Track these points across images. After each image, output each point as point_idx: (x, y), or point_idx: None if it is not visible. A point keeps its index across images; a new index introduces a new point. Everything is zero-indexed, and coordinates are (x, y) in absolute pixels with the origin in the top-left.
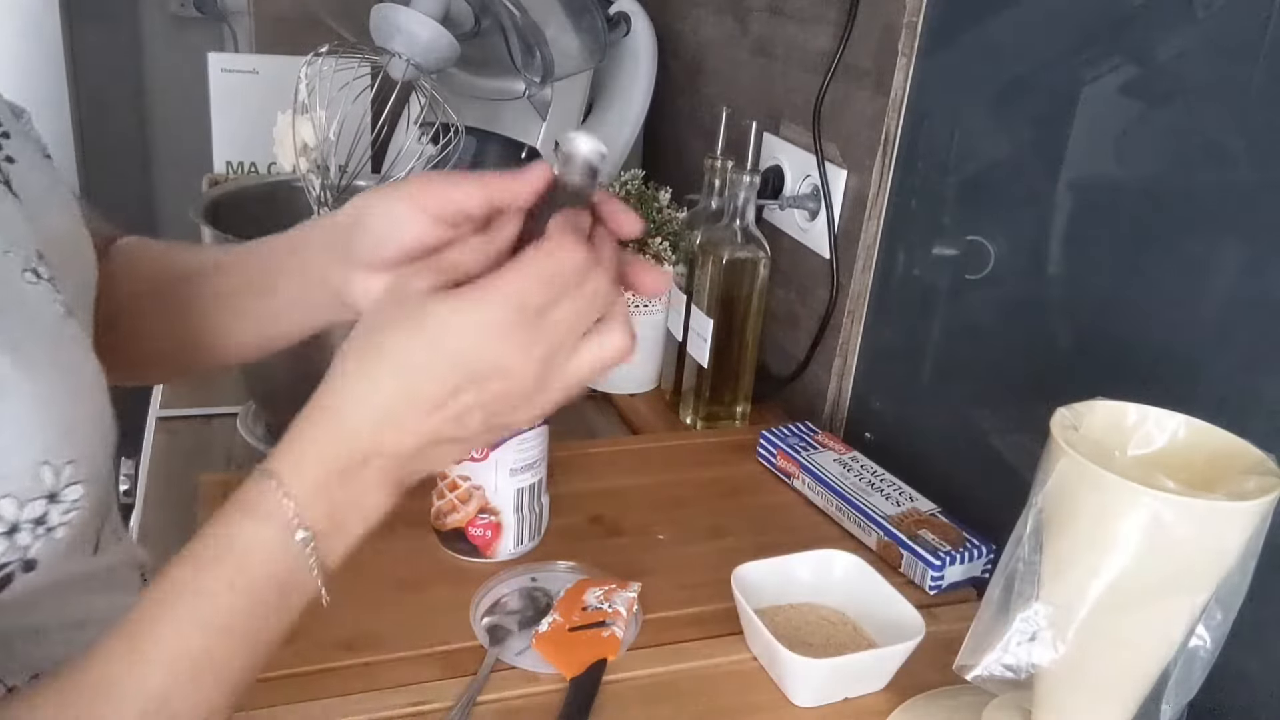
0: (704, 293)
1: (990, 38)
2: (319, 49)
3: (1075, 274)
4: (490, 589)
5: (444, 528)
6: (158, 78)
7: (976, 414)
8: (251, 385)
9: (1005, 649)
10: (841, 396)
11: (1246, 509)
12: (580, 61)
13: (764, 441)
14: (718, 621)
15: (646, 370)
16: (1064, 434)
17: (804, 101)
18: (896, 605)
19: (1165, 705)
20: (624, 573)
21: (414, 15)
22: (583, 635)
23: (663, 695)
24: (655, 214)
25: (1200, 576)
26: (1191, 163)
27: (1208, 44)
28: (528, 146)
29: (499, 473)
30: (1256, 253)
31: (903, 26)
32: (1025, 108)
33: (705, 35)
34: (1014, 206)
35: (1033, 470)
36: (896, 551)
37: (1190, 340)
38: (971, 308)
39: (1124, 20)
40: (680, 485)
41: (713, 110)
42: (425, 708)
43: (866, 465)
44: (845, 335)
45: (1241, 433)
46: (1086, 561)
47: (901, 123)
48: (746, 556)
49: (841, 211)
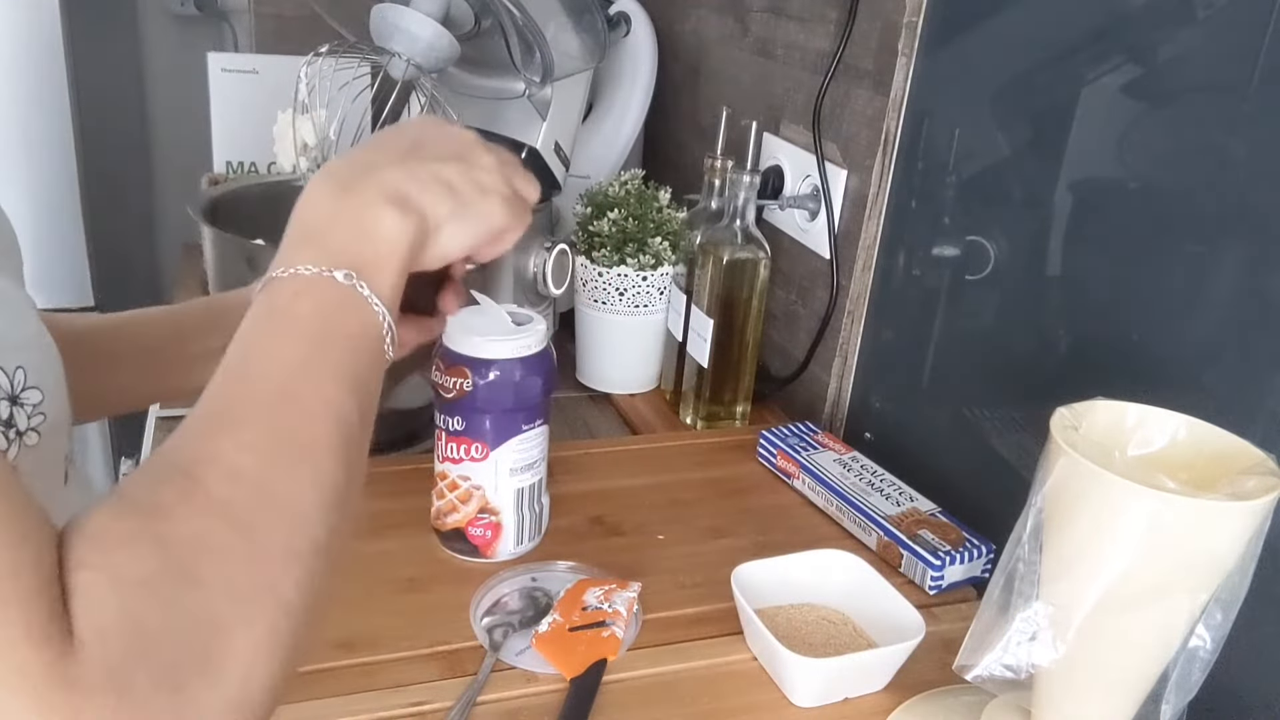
0: (704, 293)
1: (990, 38)
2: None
3: (1075, 274)
4: (490, 589)
5: (444, 528)
6: (158, 77)
7: (976, 414)
8: None
9: (1005, 649)
10: (841, 396)
11: (1246, 509)
12: (580, 61)
13: (764, 441)
14: (718, 621)
15: (646, 370)
16: (1064, 434)
17: (804, 101)
18: (896, 605)
19: (1165, 705)
20: (624, 573)
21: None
22: (583, 635)
23: (663, 695)
24: (655, 214)
25: (1200, 576)
26: (1191, 163)
27: (1208, 44)
28: (528, 146)
29: (499, 473)
30: (1256, 253)
31: (903, 26)
32: (1025, 108)
33: (705, 35)
34: (1014, 206)
35: (1033, 470)
36: (896, 551)
37: (1190, 340)
38: (971, 308)
39: (1124, 20)
40: (680, 485)
41: (713, 110)
42: (425, 708)
43: (866, 465)
44: (845, 335)
45: (1241, 433)
46: (1086, 561)
47: (901, 123)
48: (746, 556)
49: (841, 211)
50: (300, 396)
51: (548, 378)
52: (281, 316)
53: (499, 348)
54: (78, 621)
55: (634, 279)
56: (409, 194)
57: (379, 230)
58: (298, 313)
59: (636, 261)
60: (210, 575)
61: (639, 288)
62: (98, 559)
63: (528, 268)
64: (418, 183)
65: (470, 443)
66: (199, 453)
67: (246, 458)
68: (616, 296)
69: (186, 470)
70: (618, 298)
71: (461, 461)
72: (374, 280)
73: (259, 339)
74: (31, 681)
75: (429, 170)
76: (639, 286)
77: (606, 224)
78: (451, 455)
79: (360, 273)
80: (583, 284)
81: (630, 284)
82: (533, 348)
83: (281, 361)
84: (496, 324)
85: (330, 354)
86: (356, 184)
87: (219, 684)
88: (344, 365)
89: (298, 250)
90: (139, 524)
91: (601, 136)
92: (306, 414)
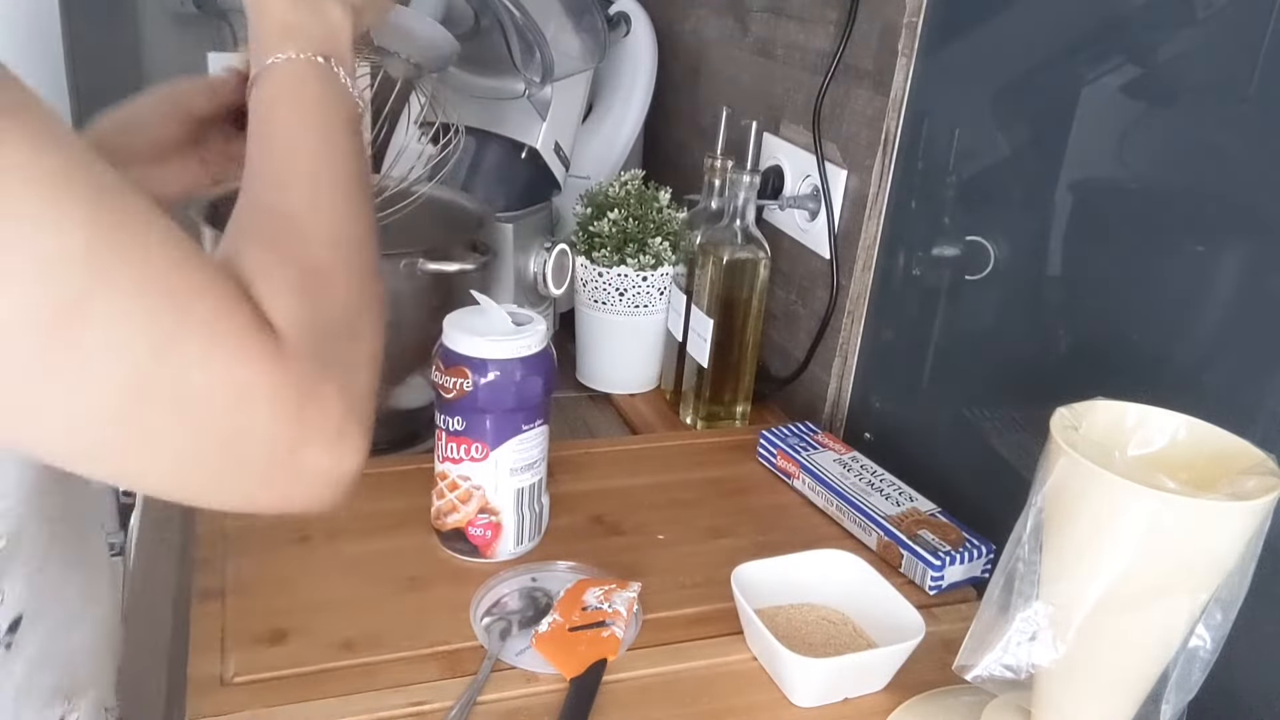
0: (704, 293)
1: (990, 37)
2: None
3: (1075, 274)
4: (490, 589)
5: (444, 528)
6: (158, 76)
7: (976, 414)
8: None
9: (1005, 649)
10: (841, 396)
11: (1246, 509)
12: (580, 61)
13: (764, 441)
14: (718, 621)
15: (646, 370)
16: (1064, 434)
17: (804, 101)
18: (896, 605)
19: (1165, 705)
20: (624, 573)
21: (413, 15)
22: (583, 635)
23: (663, 695)
24: (655, 214)
25: (1200, 576)
26: (1191, 163)
27: (1208, 44)
28: (528, 146)
29: (499, 473)
30: (1256, 252)
31: (903, 26)
32: (1025, 108)
33: (705, 35)
34: (1014, 206)
35: (1033, 470)
36: (896, 551)
37: (1190, 340)
38: (971, 308)
39: (1124, 20)
40: (680, 485)
41: (713, 110)
42: (425, 708)
43: (866, 465)
44: (845, 335)
45: (1241, 433)
46: (1086, 561)
47: (901, 123)
48: (746, 556)
49: (841, 211)
50: (334, 141)
51: (548, 378)
52: (299, 96)
53: (499, 348)
54: (274, 318)
55: (634, 279)
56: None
57: (332, 20)
58: (309, 94)
59: (636, 262)
60: (331, 277)
61: (639, 288)
62: (267, 284)
63: (528, 268)
64: None
65: (470, 443)
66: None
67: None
68: (616, 296)
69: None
70: (618, 298)
71: (461, 461)
72: (344, 62)
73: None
74: (263, 354)
75: None
76: (639, 286)
77: (606, 224)
78: (451, 455)
79: (333, 58)
80: (583, 284)
81: (630, 284)
82: (533, 348)
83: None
84: (496, 324)
85: (338, 117)
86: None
87: (361, 343)
88: (348, 125)
89: (283, 41)
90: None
91: (601, 136)
92: (341, 155)
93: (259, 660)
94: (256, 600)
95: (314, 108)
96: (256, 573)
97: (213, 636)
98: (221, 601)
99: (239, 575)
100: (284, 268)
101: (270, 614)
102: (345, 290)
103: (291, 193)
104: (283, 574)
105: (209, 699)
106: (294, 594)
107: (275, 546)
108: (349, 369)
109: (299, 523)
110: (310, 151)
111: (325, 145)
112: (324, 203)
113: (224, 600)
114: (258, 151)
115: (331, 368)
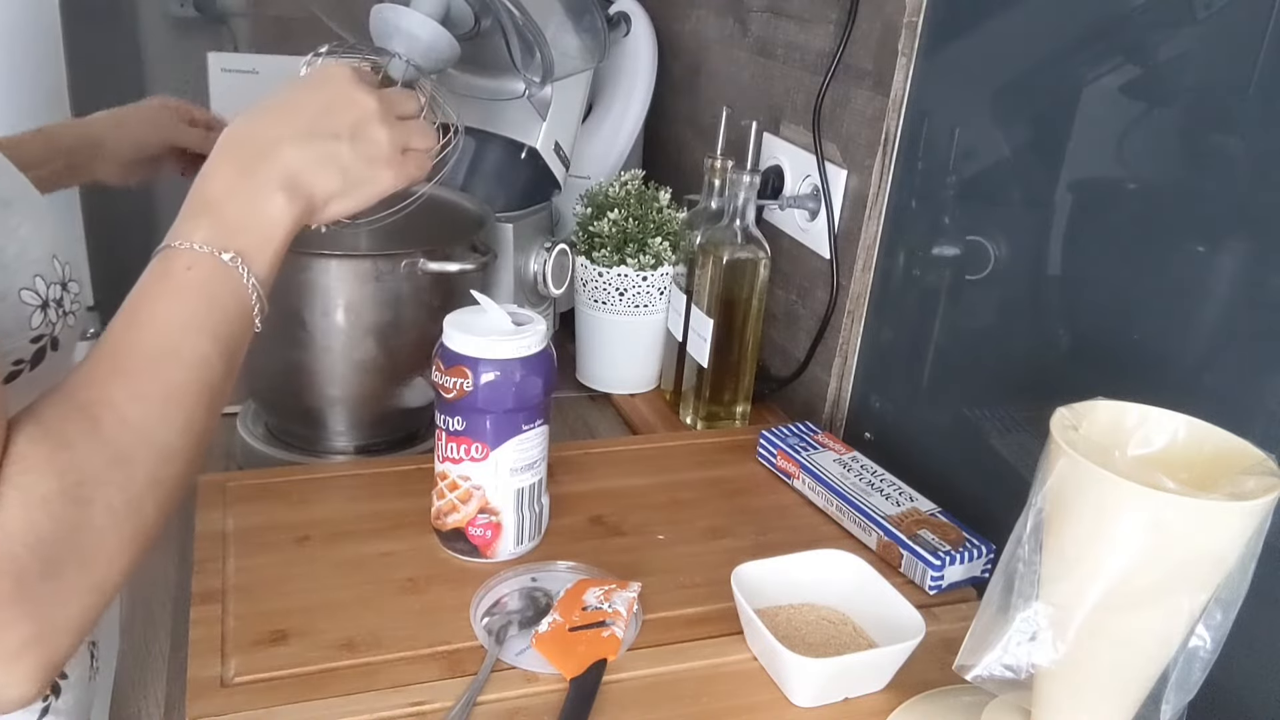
0: (704, 293)
1: (990, 37)
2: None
3: (1075, 274)
4: (490, 589)
5: (444, 528)
6: (158, 78)
7: (976, 414)
8: (251, 384)
9: (1005, 649)
10: (841, 396)
11: (1246, 509)
12: (580, 61)
13: (764, 441)
14: (718, 621)
15: (646, 370)
16: (1064, 434)
17: (804, 101)
18: (896, 605)
19: (1165, 705)
20: (624, 573)
21: (414, 15)
22: (583, 635)
23: (663, 695)
24: (655, 214)
25: (1200, 576)
26: (1191, 163)
27: (1208, 44)
28: (528, 146)
29: (499, 473)
30: (1256, 252)
31: (903, 26)
32: (1025, 108)
33: (705, 35)
34: (1014, 206)
35: (1033, 470)
36: (896, 551)
37: (1190, 340)
38: (971, 308)
39: (1124, 20)
40: (680, 485)
41: (713, 110)
42: (425, 708)
43: (866, 465)
44: (845, 335)
45: (1241, 433)
46: (1086, 561)
47: (901, 123)
48: (746, 556)
49: (841, 211)
50: (181, 352)
51: (548, 378)
52: (173, 282)
53: (499, 348)
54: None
55: (634, 279)
56: (300, 178)
57: (267, 213)
58: (187, 282)
59: (636, 262)
60: (94, 496)
61: (639, 288)
62: (14, 478)
63: (528, 268)
64: (310, 165)
65: (470, 443)
66: (99, 395)
67: (135, 406)
68: (616, 296)
69: (87, 409)
70: (618, 298)
71: (462, 461)
72: (255, 262)
73: (154, 299)
74: None
75: (323, 150)
76: (639, 286)
77: (606, 224)
78: (452, 455)
79: (244, 256)
80: (583, 284)
81: (630, 284)
82: (533, 348)
83: (169, 321)
84: (496, 324)
85: (209, 320)
86: (254, 166)
87: (89, 573)
88: (220, 330)
89: (195, 223)
90: (48, 451)
91: (601, 136)
92: (185, 367)
93: (259, 661)
94: (256, 601)
95: (188, 308)
96: (256, 573)
97: (213, 637)
98: (221, 602)
99: (239, 576)
100: (44, 476)
101: (270, 614)
102: (104, 514)
103: (124, 387)
104: (283, 574)
105: (209, 700)
106: (294, 594)
107: (275, 547)
108: (57, 597)
109: (299, 523)
110: (161, 351)
111: (182, 346)
112: (152, 410)
113: (224, 601)
114: (120, 323)
115: (33, 592)
